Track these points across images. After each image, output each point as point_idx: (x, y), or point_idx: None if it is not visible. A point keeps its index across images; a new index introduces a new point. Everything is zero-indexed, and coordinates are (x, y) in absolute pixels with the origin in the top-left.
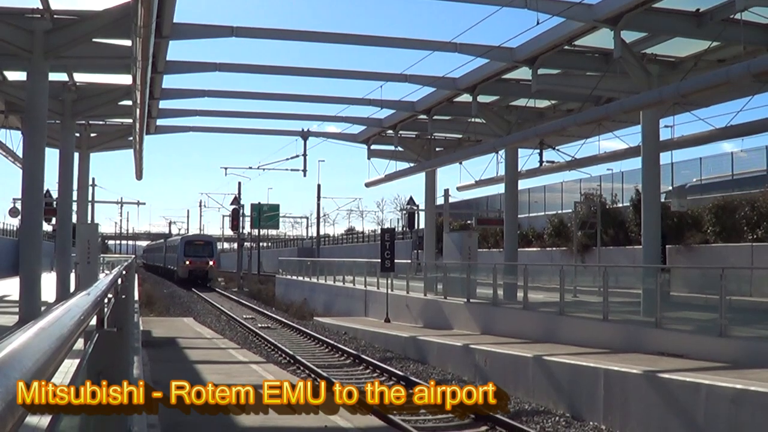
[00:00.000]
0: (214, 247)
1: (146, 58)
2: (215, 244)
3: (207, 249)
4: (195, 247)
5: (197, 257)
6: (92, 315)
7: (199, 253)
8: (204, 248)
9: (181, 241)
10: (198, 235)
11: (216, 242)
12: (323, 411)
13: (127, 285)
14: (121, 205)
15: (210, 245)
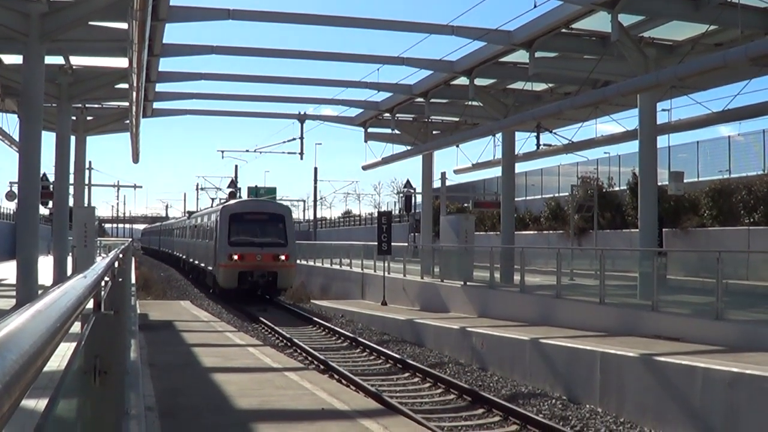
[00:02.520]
0: (289, 224)
1: (142, 41)
2: (291, 218)
3: (276, 229)
4: (251, 226)
5: (257, 246)
6: (89, 298)
7: (259, 238)
8: (269, 227)
9: (223, 215)
10: (256, 203)
11: (291, 215)
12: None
13: (124, 268)
14: (118, 188)
15: (281, 221)
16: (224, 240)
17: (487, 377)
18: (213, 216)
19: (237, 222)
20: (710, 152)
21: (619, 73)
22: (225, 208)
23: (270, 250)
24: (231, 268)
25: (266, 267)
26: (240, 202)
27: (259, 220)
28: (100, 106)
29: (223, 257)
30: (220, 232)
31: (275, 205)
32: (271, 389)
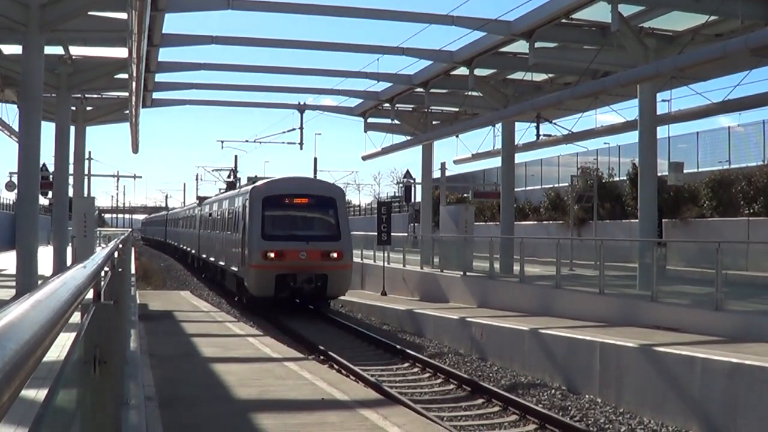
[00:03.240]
0: (342, 210)
1: (142, 31)
2: (344, 202)
3: (325, 217)
4: (293, 213)
5: (301, 240)
6: (89, 288)
7: (303, 229)
8: (316, 214)
9: (254, 199)
10: (299, 182)
11: (344, 198)
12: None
13: (124, 258)
14: (118, 178)
15: (331, 206)
16: (256, 232)
17: (487, 367)
18: (239, 201)
19: (273, 208)
20: (710, 143)
21: (619, 64)
22: (256, 189)
23: (318, 245)
24: (266, 270)
25: (313, 268)
26: (276, 182)
27: (303, 205)
28: (100, 96)
29: (256, 255)
30: (250, 221)
31: (324, 185)
32: (271, 379)
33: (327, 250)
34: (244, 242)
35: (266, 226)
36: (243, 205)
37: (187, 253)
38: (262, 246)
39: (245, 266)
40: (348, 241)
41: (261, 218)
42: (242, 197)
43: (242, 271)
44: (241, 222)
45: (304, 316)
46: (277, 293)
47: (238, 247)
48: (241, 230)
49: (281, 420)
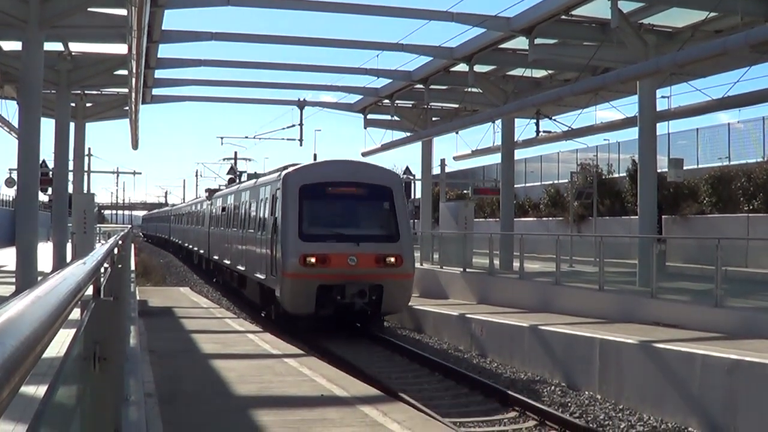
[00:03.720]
0: (401, 204)
1: (142, 27)
2: (402, 193)
3: (380, 212)
4: (339, 206)
5: (350, 240)
6: (88, 284)
7: (352, 227)
8: (369, 208)
9: (288, 188)
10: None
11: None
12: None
13: (124, 254)
14: (117, 175)
15: (387, 198)
16: (292, 231)
17: (487, 364)
18: (265, 191)
19: (314, 199)
20: (710, 139)
21: (618, 60)
22: (291, 176)
23: (372, 247)
24: (305, 279)
25: (366, 277)
26: (315, 167)
27: (352, 196)
28: (100, 92)
29: (292, 261)
30: (283, 217)
31: (377, 171)
32: (271, 375)
33: (383, 254)
34: (274, 243)
35: (305, 222)
36: (272, 196)
37: (193, 253)
38: (300, 249)
39: (277, 274)
40: (409, 243)
41: (298, 213)
42: (270, 187)
43: (271, 281)
44: (270, 218)
45: (342, 332)
46: (320, 310)
47: (265, 249)
48: (270, 228)
49: (281, 416)
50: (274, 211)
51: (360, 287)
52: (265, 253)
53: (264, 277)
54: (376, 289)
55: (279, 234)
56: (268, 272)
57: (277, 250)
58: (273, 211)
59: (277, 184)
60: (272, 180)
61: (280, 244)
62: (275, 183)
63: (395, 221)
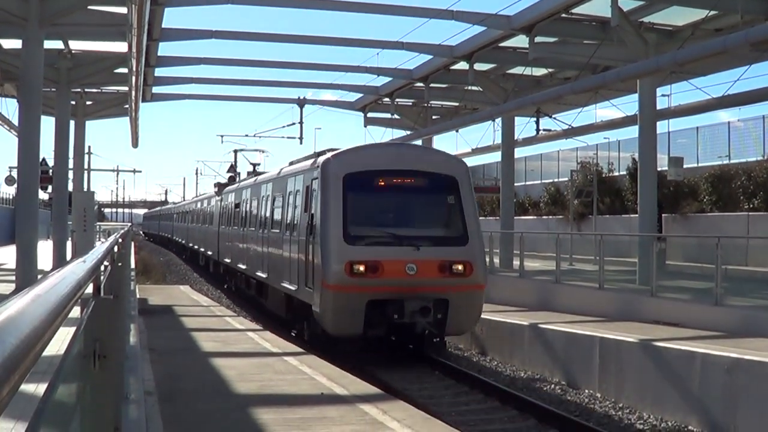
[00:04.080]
0: (468, 197)
1: (142, 25)
2: (469, 184)
3: (443, 208)
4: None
5: (407, 243)
6: (88, 282)
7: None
8: (429, 203)
9: (329, 177)
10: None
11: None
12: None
13: (124, 253)
14: (117, 173)
15: (451, 191)
16: (335, 231)
17: (487, 362)
18: (295, 183)
19: (361, 192)
20: (710, 138)
21: (618, 58)
22: (332, 163)
23: (435, 251)
24: (352, 292)
25: (428, 289)
26: (361, 152)
27: (409, 189)
28: (100, 90)
29: (335, 269)
30: (323, 214)
31: (440, 158)
32: (271, 374)
33: (449, 260)
34: (309, 247)
35: (351, 221)
36: (305, 189)
37: (199, 254)
38: (346, 254)
39: (314, 286)
40: (479, 246)
41: (342, 209)
42: (302, 177)
43: (305, 293)
44: (304, 215)
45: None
46: (369, 330)
47: (296, 254)
48: (304, 228)
49: (281, 415)
50: (308, 207)
51: (423, 303)
52: (296, 258)
53: (294, 288)
54: (441, 304)
55: (317, 235)
56: (301, 282)
57: (314, 255)
58: (307, 206)
59: (312, 173)
60: (305, 169)
61: (319, 247)
62: (310, 172)
63: (462, 219)
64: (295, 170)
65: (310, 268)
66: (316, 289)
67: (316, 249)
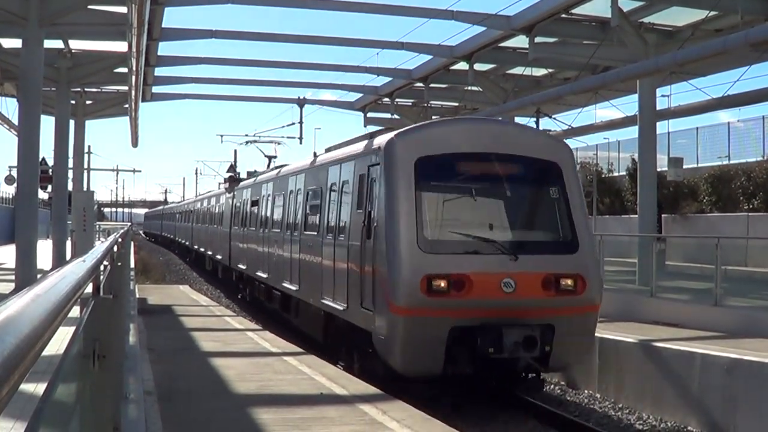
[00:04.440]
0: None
1: (142, 24)
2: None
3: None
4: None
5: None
6: (88, 282)
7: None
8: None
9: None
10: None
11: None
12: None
13: (123, 252)
14: (117, 172)
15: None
16: (406, 235)
17: None
18: (344, 171)
19: (441, 182)
20: (709, 138)
21: (618, 59)
22: (399, 143)
23: (538, 262)
24: (430, 316)
25: (530, 312)
26: (438, 128)
27: (501, 178)
28: (100, 90)
29: (407, 285)
30: (388, 211)
31: (537, 139)
32: (270, 374)
33: (556, 274)
34: (367, 255)
35: (428, 221)
36: (358, 179)
37: (206, 257)
38: (422, 265)
39: (375, 307)
40: (592, 254)
41: (415, 205)
42: (354, 165)
43: (360, 316)
44: (356, 214)
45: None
46: (451, 368)
47: (345, 264)
48: (358, 230)
49: (280, 415)
50: (364, 203)
51: (527, 331)
52: (345, 269)
53: (342, 308)
54: (546, 332)
55: (379, 240)
56: (353, 301)
57: (375, 265)
58: (362, 202)
59: (368, 158)
60: (356, 154)
61: (382, 256)
62: (365, 158)
63: (569, 218)
64: (340, 157)
65: (368, 282)
66: (379, 311)
67: (378, 258)
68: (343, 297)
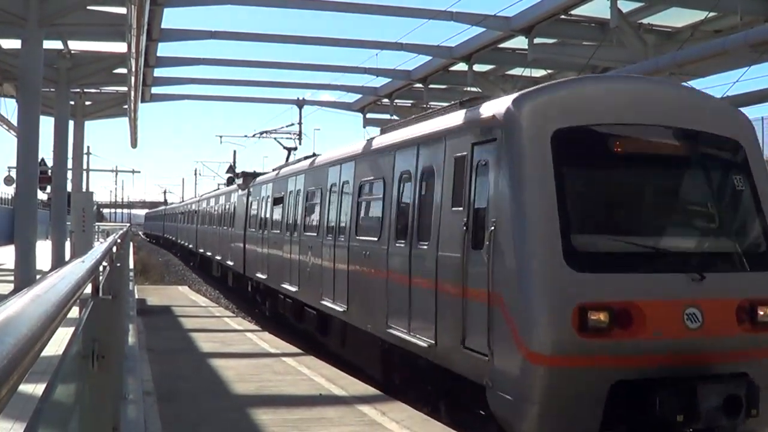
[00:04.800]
0: (763, 178)
1: (141, 25)
2: (760, 153)
3: (726, 192)
4: (645, 176)
5: (680, 265)
6: (87, 282)
7: (679, 234)
8: (706, 187)
9: (513, 134)
10: (640, 91)
11: (757, 141)
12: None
13: (122, 253)
14: (116, 173)
15: (739, 162)
16: (543, 242)
17: None
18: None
19: (591, 165)
20: None
21: (618, 60)
22: (522, 110)
23: (726, 283)
24: (584, 366)
25: (726, 357)
26: (579, 88)
27: (669, 161)
28: (99, 90)
29: (550, 320)
30: (516, 207)
31: (712, 107)
32: (269, 374)
33: (752, 299)
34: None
35: (577, 223)
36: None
37: (212, 262)
38: (574, 289)
39: (494, 350)
40: None
41: (557, 200)
42: (444, 146)
43: (465, 360)
44: (451, 214)
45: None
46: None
47: (434, 282)
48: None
49: (279, 415)
50: (465, 198)
51: (730, 388)
52: (431, 290)
53: (428, 345)
54: (751, 387)
55: (501, 251)
56: (449, 336)
57: (493, 288)
58: (460, 197)
59: (472, 133)
60: (449, 129)
61: (507, 275)
62: (466, 133)
63: (761, 218)
64: (419, 136)
65: (477, 313)
66: (501, 357)
67: (497, 277)
68: (428, 329)
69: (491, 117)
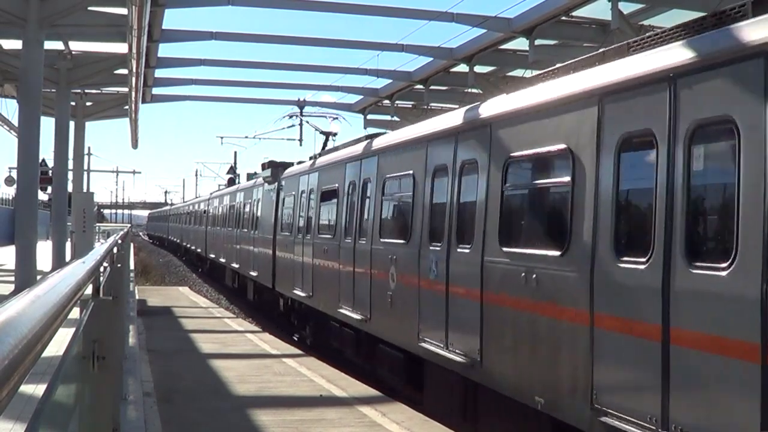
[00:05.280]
0: None
1: (142, 26)
2: None
3: None
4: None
5: None
6: (88, 283)
7: None
8: None
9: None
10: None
11: None
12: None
13: (123, 254)
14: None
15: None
16: None
17: None
18: (585, 115)
19: None
20: None
21: None
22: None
23: None
24: None
25: None
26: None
27: None
28: (100, 91)
29: None
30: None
31: None
32: (270, 375)
33: None
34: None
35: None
36: (686, 148)
37: (225, 269)
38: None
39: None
40: None
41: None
42: (630, 103)
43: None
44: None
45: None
46: None
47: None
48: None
49: (280, 416)
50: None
51: None
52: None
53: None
54: None
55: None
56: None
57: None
58: (686, 202)
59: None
60: (633, 79)
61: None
62: (699, 87)
63: None
64: (558, 98)
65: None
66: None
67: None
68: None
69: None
